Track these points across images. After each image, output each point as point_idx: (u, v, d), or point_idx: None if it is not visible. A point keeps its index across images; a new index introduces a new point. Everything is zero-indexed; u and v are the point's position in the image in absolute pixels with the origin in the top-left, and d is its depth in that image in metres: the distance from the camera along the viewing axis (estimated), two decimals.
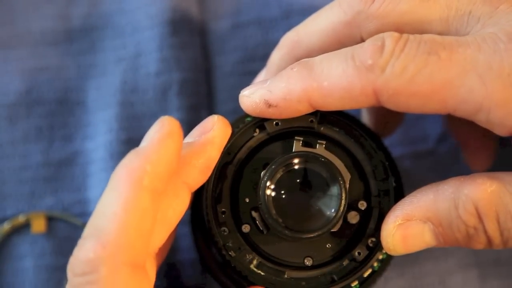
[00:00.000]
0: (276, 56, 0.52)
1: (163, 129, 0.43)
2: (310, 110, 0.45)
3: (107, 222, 0.40)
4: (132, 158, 0.42)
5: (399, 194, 0.47)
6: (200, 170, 0.45)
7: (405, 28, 0.46)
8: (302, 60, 0.45)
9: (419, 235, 0.45)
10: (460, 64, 0.42)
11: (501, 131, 0.43)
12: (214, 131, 0.46)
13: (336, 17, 0.48)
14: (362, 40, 0.48)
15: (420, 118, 0.59)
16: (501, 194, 0.43)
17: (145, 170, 0.41)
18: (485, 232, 0.44)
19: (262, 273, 0.46)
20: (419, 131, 0.59)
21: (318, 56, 0.45)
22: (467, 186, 0.44)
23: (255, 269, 0.46)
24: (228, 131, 0.46)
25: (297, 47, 0.51)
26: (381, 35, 0.44)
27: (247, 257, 0.46)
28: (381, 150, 0.48)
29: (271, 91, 0.45)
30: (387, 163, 0.47)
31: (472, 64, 0.42)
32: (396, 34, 0.43)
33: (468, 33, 0.44)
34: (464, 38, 0.43)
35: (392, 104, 0.44)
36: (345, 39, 0.49)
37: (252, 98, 0.46)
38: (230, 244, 0.46)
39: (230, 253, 0.45)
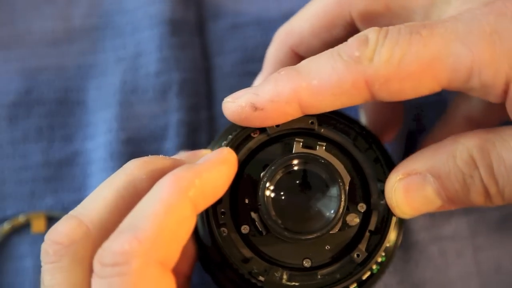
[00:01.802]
0: (271, 50, 0.53)
1: (221, 155, 0.44)
2: (299, 114, 0.45)
3: (146, 220, 0.41)
4: (183, 169, 0.43)
5: None
6: None
7: (392, 5, 0.48)
8: (288, 66, 0.45)
9: (420, 188, 0.45)
10: (442, 36, 0.43)
11: (496, 93, 0.44)
12: (227, 155, 0.45)
13: None
14: (352, 19, 0.49)
15: (420, 132, 0.59)
16: (495, 142, 0.44)
17: (193, 183, 0.42)
18: (481, 180, 0.44)
19: (297, 284, 0.46)
20: (419, 143, 0.59)
21: (304, 60, 0.45)
22: (464, 136, 0.45)
23: (288, 284, 0.46)
24: (236, 166, 0.46)
25: (289, 36, 0.52)
26: (362, 32, 0.45)
27: (276, 275, 0.46)
28: (378, 148, 0.48)
29: (258, 94, 0.45)
30: (381, 156, 0.48)
31: (454, 34, 0.43)
32: (376, 27, 0.44)
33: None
34: (441, 18, 0.44)
35: (385, 93, 0.44)
36: (335, 20, 0.50)
37: (237, 102, 0.45)
38: (256, 270, 0.46)
39: (259, 278, 0.46)
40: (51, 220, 0.58)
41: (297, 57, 0.53)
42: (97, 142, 0.59)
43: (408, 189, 0.45)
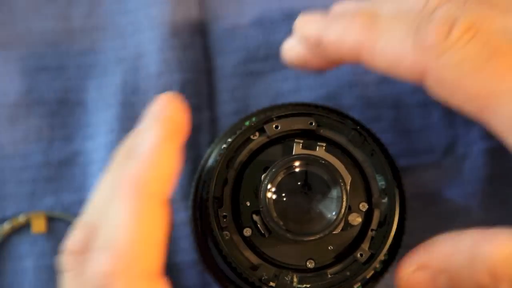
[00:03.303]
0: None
1: (161, 131, 0.42)
2: (354, 62, 0.45)
3: (118, 233, 0.40)
4: (133, 166, 0.41)
5: (401, 194, 0.47)
6: None
7: None
8: (370, 10, 0.45)
9: (431, 282, 0.45)
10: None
11: None
12: (165, 126, 0.44)
13: None
14: None
15: (426, 130, 0.59)
16: None
17: (151, 177, 0.41)
18: None
19: (308, 285, 0.46)
20: (424, 143, 0.59)
21: (387, 13, 0.45)
22: (486, 243, 0.43)
23: (300, 286, 0.46)
24: (183, 124, 0.45)
25: None
26: (453, 16, 0.43)
27: (287, 279, 0.46)
28: (374, 141, 0.48)
29: (328, 28, 0.46)
30: (377, 148, 0.47)
31: None
32: (466, 24, 0.43)
33: None
34: None
35: (433, 89, 0.43)
36: None
37: (308, 27, 0.47)
38: (266, 276, 0.46)
39: (270, 284, 0.45)
40: (51, 220, 0.58)
41: None
42: (97, 142, 0.59)
43: (420, 282, 0.45)
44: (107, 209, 0.42)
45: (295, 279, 0.46)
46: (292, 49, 0.49)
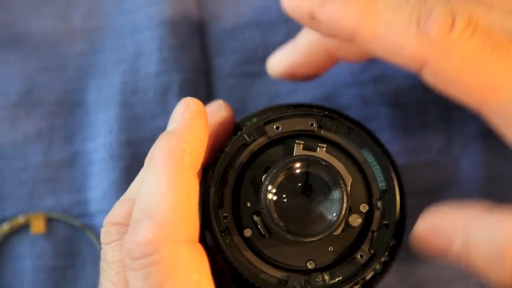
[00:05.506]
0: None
1: (190, 109, 0.44)
2: (346, 43, 0.45)
3: (157, 202, 0.41)
4: (168, 139, 0.43)
5: (401, 195, 0.47)
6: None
7: None
8: None
9: (447, 243, 0.44)
10: None
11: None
12: (195, 106, 0.46)
13: None
14: None
15: (423, 128, 0.59)
16: None
17: (184, 149, 0.42)
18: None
19: (340, 278, 0.46)
20: (421, 141, 0.59)
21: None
22: (507, 223, 0.43)
23: (333, 282, 0.46)
24: (205, 110, 0.46)
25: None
26: (453, 10, 0.43)
27: (318, 280, 0.46)
28: (374, 141, 0.48)
29: (323, 5, 0.44)
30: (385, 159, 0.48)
31: None
32: (467, 18, 0.43)
33: None
34: None
35: (431, 79, 0.43)
36: None
37: (301, 1, 0.45)
38: (298, 286, 0.46)
39: None
40: (50, 221, 0.58)
41: None
42: (97, 143, 0.59)
43: (435, 241, 0.45)
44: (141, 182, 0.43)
45: (326, 277, 0.46)
46: (281, 58, 0.51)
